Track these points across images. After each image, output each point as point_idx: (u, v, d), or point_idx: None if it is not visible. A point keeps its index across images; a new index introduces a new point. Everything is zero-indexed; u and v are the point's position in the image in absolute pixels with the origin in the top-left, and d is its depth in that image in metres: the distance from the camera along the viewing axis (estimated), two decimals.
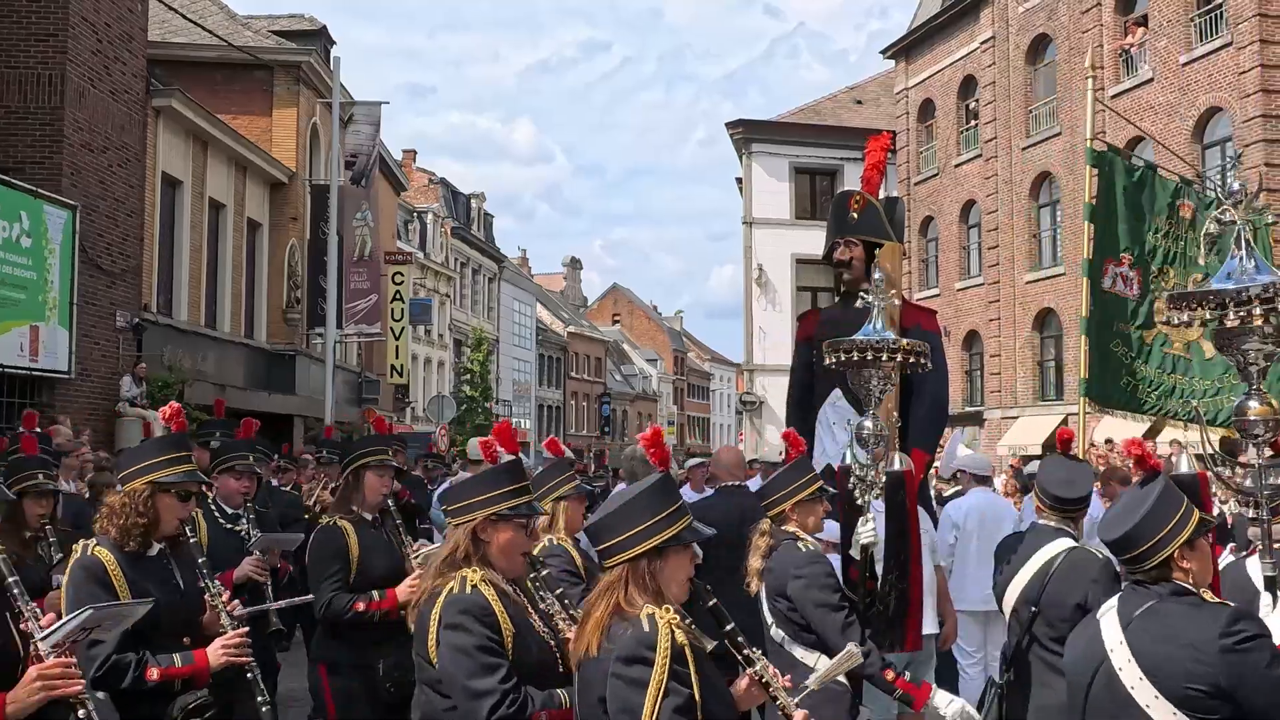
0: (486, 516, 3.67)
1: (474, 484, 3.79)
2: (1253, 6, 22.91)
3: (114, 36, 17.38)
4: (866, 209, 8.87)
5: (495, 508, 3.68)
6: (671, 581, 3.19)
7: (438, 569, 3.71)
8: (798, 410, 9.27)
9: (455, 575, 3.64)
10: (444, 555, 3.73)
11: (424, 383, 46.32)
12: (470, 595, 3.57)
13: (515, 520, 3.72)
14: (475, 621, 3.52)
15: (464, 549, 3.68)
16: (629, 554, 3.17)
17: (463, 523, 3.70)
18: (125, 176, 17.83)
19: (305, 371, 25.39)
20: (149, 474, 4.29)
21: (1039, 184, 30.21)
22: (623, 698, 3.01)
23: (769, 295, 35.64)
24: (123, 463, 4.54)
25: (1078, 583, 4.88)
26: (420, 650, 3.64)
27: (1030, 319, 30.16)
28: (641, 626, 3.04)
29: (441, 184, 53.97)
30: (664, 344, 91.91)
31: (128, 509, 4.25)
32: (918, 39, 35.25)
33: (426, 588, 3.71)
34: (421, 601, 3.69)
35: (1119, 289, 9.62)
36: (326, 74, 25.61)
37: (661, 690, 2.96)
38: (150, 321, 18.82)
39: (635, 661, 3.01)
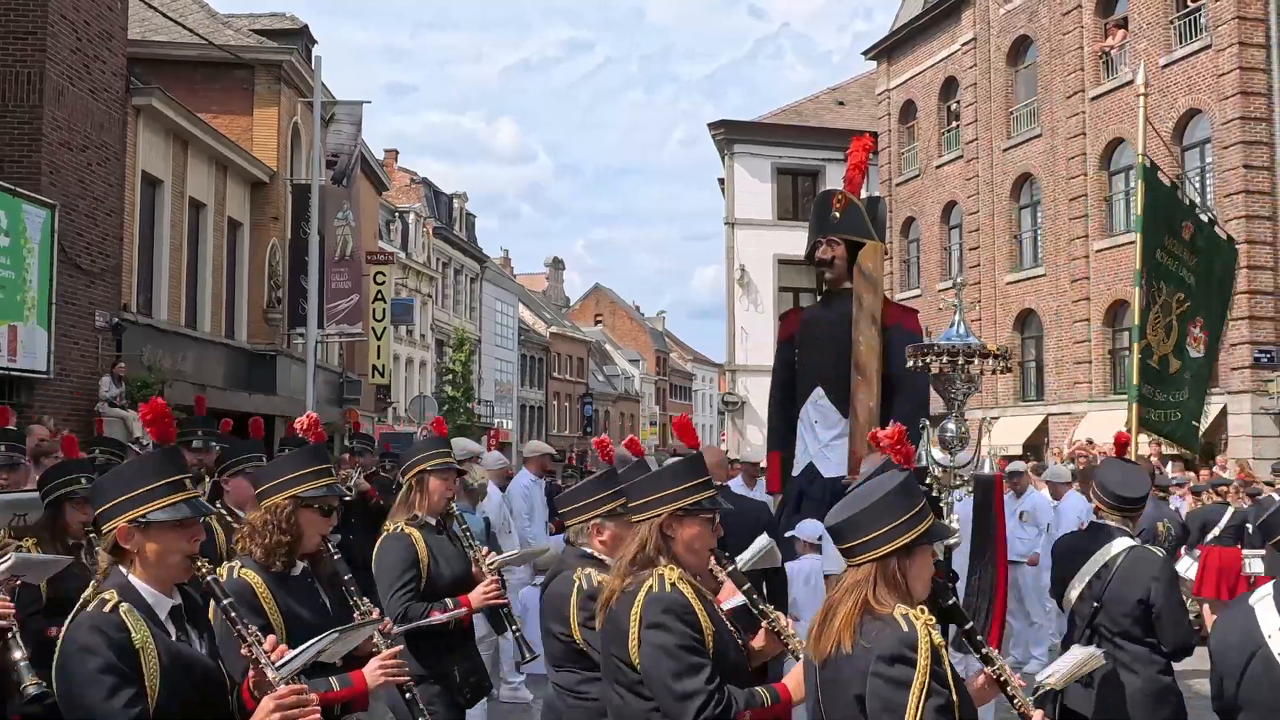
0: (672, 512, 3.66)
1: (655, 480, 3.76)
2: (1231, 9, 23.05)
3: (93, 34, 17.29)
4: (849, 208, 8.88)
5: (681, 502, 3.67)
6: (917, 580, 3.18)
7: (625, 568, 3.69)
8: (779, 409, 9.29)
9: (651, 573, 3.62)
10: (631, 553, 3.71)
11: (406, 383, 46.21)
12: (671, 594, 3.55)
13: (701, 515, 3.71)
14: (677, 620, 3.51)
15: (654, 545, 3.66)
16: (878, 552, 3.12)
17: (647, 519, 3.69)
18: (105, 175, 17.73)
19: (286, 371, 25.30)
20: (290, 488, 4.09)
21: (1020, 185, 30.34)
22: (884, 696, 2.99)
23: (751, 296, 35.68)
24: (262, 476, 4.35)
25: (1140, 580, 5.14)
26: (617, 652, 3.62)
27: (1011, 320, 30.29)
28: (900, 626, 3.02)
29: (423, 184, 53.87)
30: (646, 344, 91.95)
31: (270, 526, 4.05)
32: (899, 40, 35.35)
33: (615, 587, 3.68)
34: (613, 601, 3.66)
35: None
36: (308, 73, 25.52)
37: (925, 690, 2.96)
38: (130, 321, 18.73)
39: (897, 661, 2.99)
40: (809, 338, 8.99)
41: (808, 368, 8.93)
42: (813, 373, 8.84)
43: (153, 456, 3.44)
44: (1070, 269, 27.71)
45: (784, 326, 9.54)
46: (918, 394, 8.88)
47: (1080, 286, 27.39)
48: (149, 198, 20.86)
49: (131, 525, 3.09)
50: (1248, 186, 22.80)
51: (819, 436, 8.64)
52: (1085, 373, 27.27)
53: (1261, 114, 22.95)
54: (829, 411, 8.66)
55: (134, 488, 3.14)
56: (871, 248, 8.81)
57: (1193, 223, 10.43)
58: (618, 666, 3.65)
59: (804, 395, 8.87)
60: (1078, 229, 27.46)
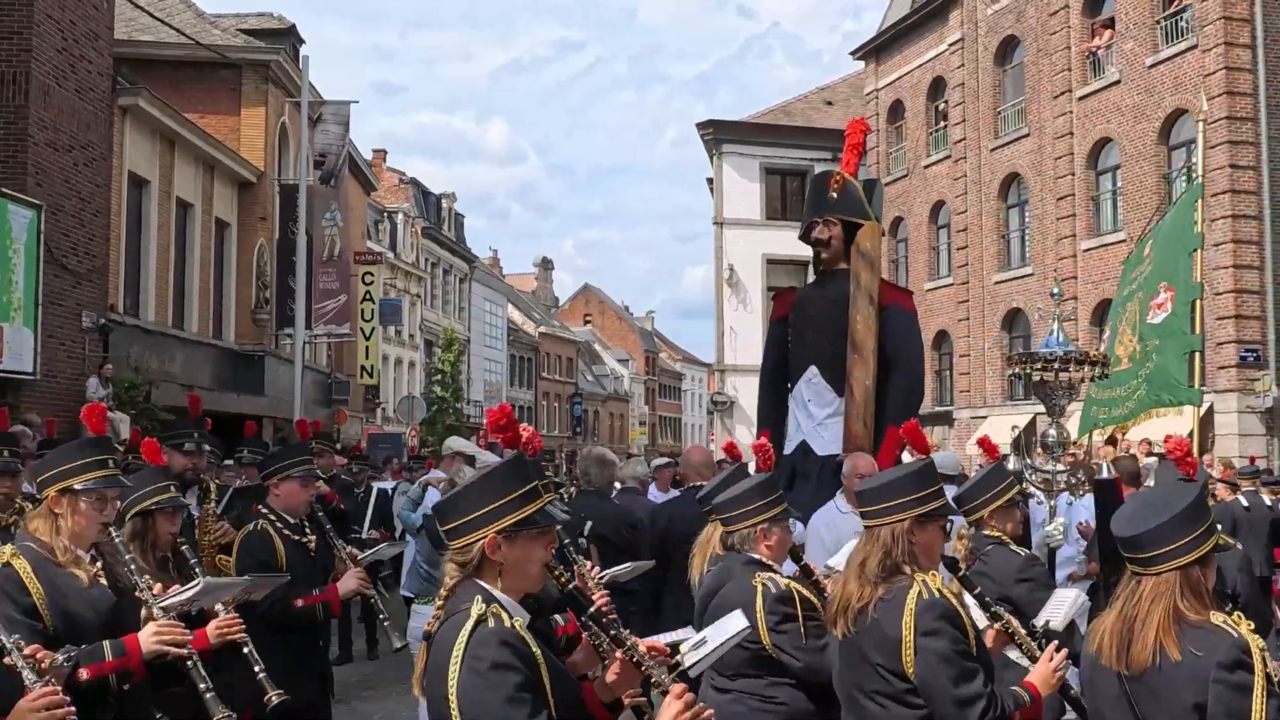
0: (914, 518, 3.71)
1: (894, 486, 3.80)
2: (1217, 9, 23.12)
3: (79, 34, 17.22)
4: (846, 189, 8.88)
5: (921, 509, 3.73)
6: (1206, 585, 3.26)
7: (876, 574, 3.71)
8: (770, 387, 9.30)
9: (912, 579, 3.65)
10: (877, 559, 3.71)
11: (394, 383, 46.13)
12: (940, 599, 3.60)
13: (938, 521, 3.80)
14: (950, 626, 3.56)
15: (902, 551, 3.69)
16: (1181, 561, 3.18)
17: (888, 524, 3.72)
18: (91, 176, 17.67)
19: (274, 372, 25.24)
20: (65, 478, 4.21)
21: (1007, 185, 30.40)
22: (1226, 702, 3.05)
23: (740, 295, 35.72)
24: None
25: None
26: (883, 660, 3.63)
27: (999, 319, 30.35)
28: (1229, 633, 3.10)
29: (412, 184, 53.77)
30: (635, 344, 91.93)
31: None
32: (887, 40, 35.40)
33: (868, 595, 3.69)
34: (871, 609, 3.67)
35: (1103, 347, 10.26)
36: (295, 73, 25.47)
37: (1264, 693, 3.03)
38: (117, 322, 18.66)
39: (1238, 668, 3.05)
40: (803, 317, 8.99)
41: (802, 346, 8.94)
42: (807, 351, 8.84)
43: None
44: (1058, 269, 27.77)
45: (777, 305, 9.52)
46: (913, 372, 8.91)
47: (1068, 286, 27.44)
48: (136, 198, 20.80)
49: (499, 536, 2.96)
50: (1234, 186, 22.87)
51: (812, 415, 8.64)
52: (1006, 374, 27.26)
53: (1248, 114, 23.02)
54: (823, 390, 8.67)
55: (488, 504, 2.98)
56: (870, 228, 8.84)
57: (1154, 235, 11.07)
58: (881, 676, 3.65)
59: (797, 374, 8.87)
60: (1065, 229, 27.53)
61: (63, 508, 4.01)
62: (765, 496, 4.68)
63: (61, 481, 4.03)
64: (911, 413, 8.93)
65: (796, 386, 8.81)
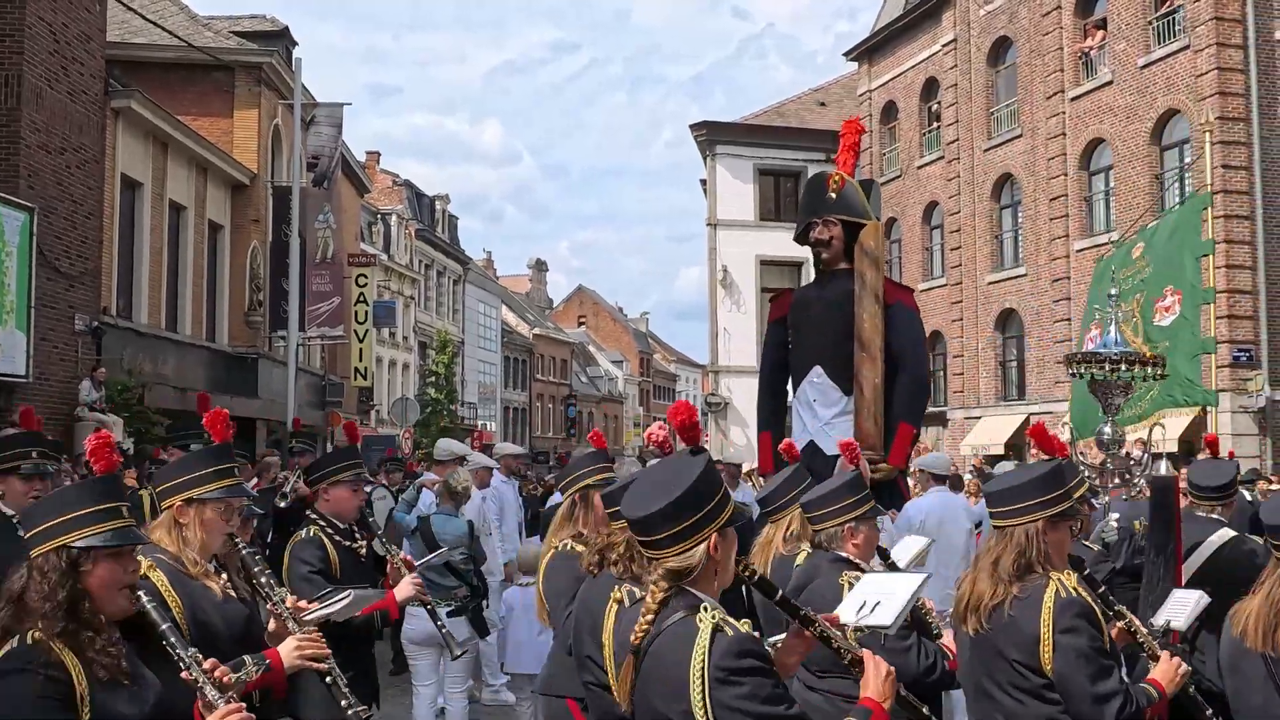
0: (1048, 518, 3.80)
1: (1027, 488, 3.86)
2: (1209, 10, 23.16)
3: (71, 37, 17.21)
4: (845, 189, 8.89)
5: (1054, 509, 3.82)
6: None
7: (1010, 573, 3.77)
8: (770, 389, 9.31)
9: (1047, 578, 3.73)
10: (1011, 559, 3.79)
11: (388, 385, 46.11)
12: (1078, 598, 3.69)
13: (1069, 521, 3.93)
14: (1088, 624, 3.64)
15: (1037, 551, 3.76)
16: None
17: (1022, 524, 3.80)
18: (83, 178, 17.65)
19: (268, 374, 25.23)
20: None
21: (1000, 185, 30.44)
22: None
23: (733, 297, 35.72)
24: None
25: (1252, 566, 5.40)
26: (1019, 656, 3.70)
27: (992, 319, 30.39)
28: None
29: (405, 186, 53.75)
30: (630, 346, 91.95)
31: None
32: (880, 41, 35.44)
33: (1001, 594, 3.76)
34: (1007, 606, 3.74)
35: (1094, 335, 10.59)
36: (288, 75, 25.46)
37: None
38: (110, 325, 18.64)
39: None
40: (805, 318, 8.99)
41: (805, 347, 8.93)
42: (811, 352, 8.84)
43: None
44: (1051, 269, 27.82)
45: (776, 307, 9.51)
46: (919, 368, 8.95)
47: (1061, 286, 27.50)
48: (129, 200, 20.77)
49: (717, 534, 2.93)
50: (1226, 186, 22.90)
51: (819, 415, 8.64)
52: (1066, 372, 27.34)
53: (1240, 114, 23.07)
54: (829, 389, 8.67)
55: None
56: (873, 227, 8.88)
57: (1145, 239, 11.41)
58: (1017, 671, 3.72)
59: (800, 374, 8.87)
60: (1058, 229, 27.57)
61: (188, 518, 3.89)
62: (854, 494, 4.79)
63: (186, 491, 3.91)
64: (920, 409, 8.97)
65: (800, 387, 8.82)
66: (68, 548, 2.98)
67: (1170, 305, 10.68)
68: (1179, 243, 11.00)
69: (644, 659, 2.82)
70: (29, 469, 6.07)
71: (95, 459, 3.39)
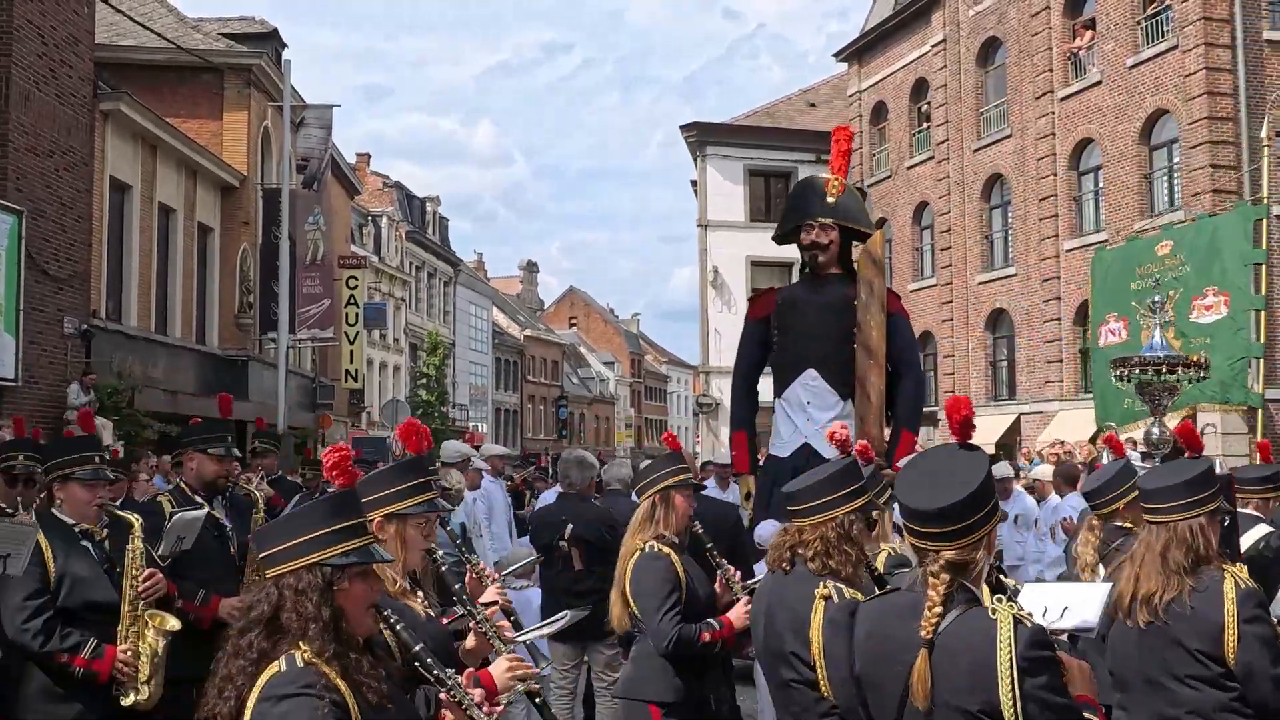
0: (1208, 513, 4.04)
1: (1186, 486, 4.07)
2: (1197, 10, 23.24)
3: (60, 39, 17.17)
4: (846, 194, 8.89)
5: (1212, 505, 4.06)
6: None
7: (1183, 566, 3.97)
8: (745, 386, 9.26)
9: (1222, 571, 3.97)
10: (1182, 553, 3.98)
11: (379, 387, 46.05)
12: (1254, 589, 3.94)
13: (1219, 516, 4.13)
14: (1266, 612, 3.91)
15: (1203, 544, 4.01)
16: None
17: (1186, 520, 4.02)
18: (72, 181, 17.61)
19: (258, 377, 25.19)
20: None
21: (990, 185, 30.50)
22: None
23: (724, 297, 35.75)
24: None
25: None
26: (1205, 646, 3.89)
27: (983, 319, 30.44)
28: None
29: (396, 187, 53.71)
30: (621, 347, 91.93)
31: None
32: (870, 42, 35.49)
33: (1175, 586, 3.97)
34: (1186, 597, 3.92)
35: (1110, 340, 12.04)
36: (278, 77, 25.42)
37: None
38: (99, 328, 18.60)
39: None
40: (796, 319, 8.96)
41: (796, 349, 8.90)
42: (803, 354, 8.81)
43: None
44: (1040, 269, 27.88)
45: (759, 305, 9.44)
46: (919, 375, 9.00)
47: (1051, 286, 27.56)
48: (118, 203, 20.73)
49: None
50: (1215, 186, 22.97)
51: (814, 418, 8.61)
52: (1056, 372, 27.44)
53: (1228, 114, 23.13)
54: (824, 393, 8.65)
55: None
56: (879, 236, 8.93)
57: (1171, 238, 12.47)
58: (1198, 660, 3.90)
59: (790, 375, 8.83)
60: (1048, 229, 27.63)
61: (389, 534, 3.70)
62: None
63: (387, 506, 3.73)
64: (920, 417, 9.01)
65: (790, 388, 8.79)
66: (322, 566, 2.83)
67: (1212, 305, 11.24)
68: (1223, 247, 11.46)
69: (934, 652, 2.87)
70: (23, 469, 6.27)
71: (336, 474, 3.23)
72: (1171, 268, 12.00)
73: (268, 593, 2.84)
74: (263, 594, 2.86)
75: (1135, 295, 12.07)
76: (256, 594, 2.89)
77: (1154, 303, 8.64)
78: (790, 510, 4.21)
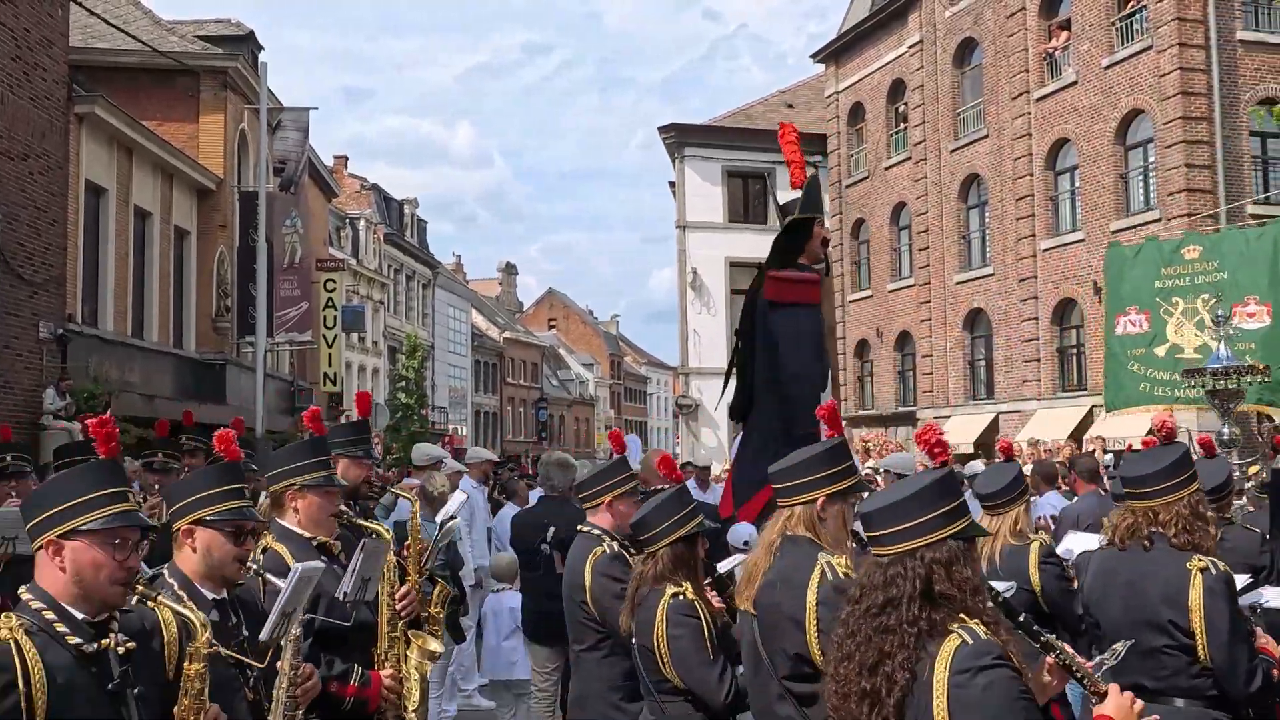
0: None
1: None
2: (1171, 11, 23.38)
3: (33, 42, 17.06)
4: (810, 184, 8.93)
5: None
6: None
7: None
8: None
9: None
10: None
11: (358, 390, 45.89)
12: None
13: None
14: None
15: None
16: None
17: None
18: (47, 184, 17.50)
19: (236, 381, 25.06)
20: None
21: (967, 186, 30.61)
22: None
23: (703, 299, 35.77)
24: None
25: None
26: None
27: (960, 319, 30.54)
28: None
29: (374, 190, 53.56)
30: (600, 348, 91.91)
31: None
32: (847, 43, 35.58)
33: None
34: None
35: (1129, 330, 13.07)
36: (254, 79, 25.30)
37: None
38: (75, 332, 18.48)
39: None
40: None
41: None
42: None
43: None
44: (1018, 268, 28.00)
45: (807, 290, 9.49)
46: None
47: (1028, 286, 27.68)
48: (93, 207, 20.59)
49: None
50: (1190, 185, 23.13)
51: None
52: (1034, 371, 27.56)
53: (1202, 114, 23.29)
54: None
55: None
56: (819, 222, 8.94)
57: (1198, 243, 13.32)
58: None
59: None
60: (1025, 229, 27.75)
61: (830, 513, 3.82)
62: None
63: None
64: None
65: None
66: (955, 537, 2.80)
67: (1255, 313, 12.26)
68: (1267, 257, 12.44)
69: None
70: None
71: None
72: (1203, 272, 12.98)
73: (897, 570, 2.78)
74: (895, 571, 2.78)
75: (1161, 293, 13.22)
76: (876, 573, 2.82)
77: (1219, 317, 9.78)
78: (1135, 494, 4.59)
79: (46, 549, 2.92)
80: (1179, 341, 13.03)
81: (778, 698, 3.74)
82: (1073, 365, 26.89)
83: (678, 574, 4.43)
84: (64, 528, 2.90)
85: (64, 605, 2.90)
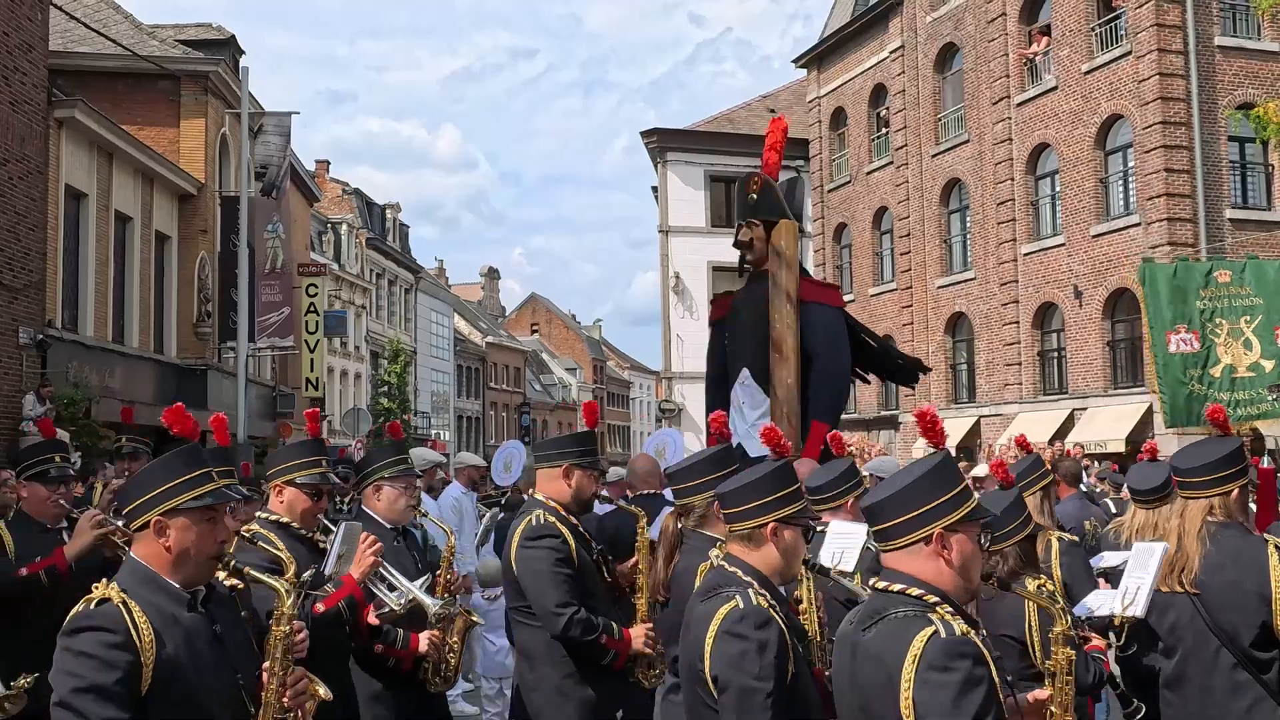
0: None
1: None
2: (1150, 16, 23.53)
3: (12, 46, 16.97)
4: (764, 190, 9.00)
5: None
6: None
7: None
8: (715, 388, 9.40)
9: None
10: None
11: (340, 395, 45.77)
12: None
13: None
14: None
15: None
16: None
17: None
18: (26, 189, 17.40)
19: (217, 386, 24.95)
20: None
21: (949, 190, 30.73)
22: None
23: (686, 303, 35.83)
24: None
25: None
26: None
27: (942, 323, 30.65)
28: None
29: (355, 194, 53.45)
30: (583, 353, 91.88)
31: None
32: (829, 48, 35.70)
33: None
34: None
35: (1182, 349, 13.73)
36: (235, 83, 25.20)
37: None
38: (55, 338, 18.37)
39: None
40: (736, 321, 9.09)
41: (734, 351, 9.03)
42: (739, 355, 8.94)
43: None
44: (999, 272, 28.11)
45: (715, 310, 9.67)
46: (834, 365, 8.98)
47: (1009, 289, 27.79)
48: (73, 211, 20.48)
49: None
50: (1169, 190, 23.27)
51: (745, 417, 8.71)
52: (1015, 374, 27.67)
53: (1181, 119, 23.44)
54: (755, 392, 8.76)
55: None
56: (784, 226, 8.91)
57: (1226, 268, 13.91)
58: None
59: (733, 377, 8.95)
60: (1006, 233, 27.87)
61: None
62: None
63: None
64: (837, 408, 9.04)
65: (733, 390, 8.89)
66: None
67: None
68: None
69: None
70: None
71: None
72: (1239, 295, 13.67)
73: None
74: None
75: (1204, 314, 13.89)
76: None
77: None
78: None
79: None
80: (1230, 361, 13.68)
81: (1231, 667, 4.33)
82: (1054, 369, 27.01)
83: None
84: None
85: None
